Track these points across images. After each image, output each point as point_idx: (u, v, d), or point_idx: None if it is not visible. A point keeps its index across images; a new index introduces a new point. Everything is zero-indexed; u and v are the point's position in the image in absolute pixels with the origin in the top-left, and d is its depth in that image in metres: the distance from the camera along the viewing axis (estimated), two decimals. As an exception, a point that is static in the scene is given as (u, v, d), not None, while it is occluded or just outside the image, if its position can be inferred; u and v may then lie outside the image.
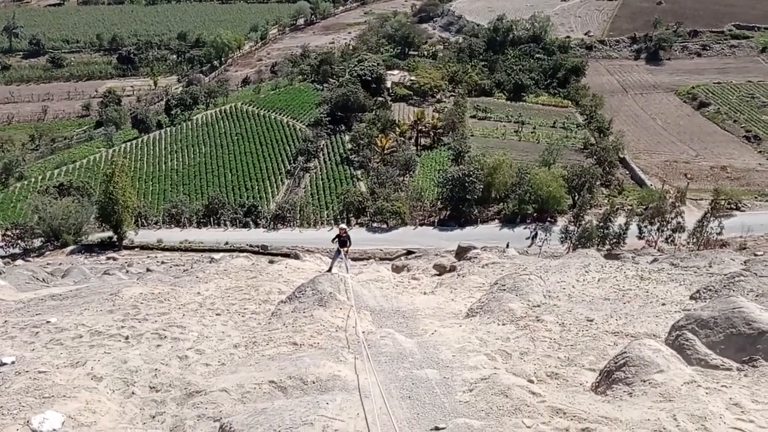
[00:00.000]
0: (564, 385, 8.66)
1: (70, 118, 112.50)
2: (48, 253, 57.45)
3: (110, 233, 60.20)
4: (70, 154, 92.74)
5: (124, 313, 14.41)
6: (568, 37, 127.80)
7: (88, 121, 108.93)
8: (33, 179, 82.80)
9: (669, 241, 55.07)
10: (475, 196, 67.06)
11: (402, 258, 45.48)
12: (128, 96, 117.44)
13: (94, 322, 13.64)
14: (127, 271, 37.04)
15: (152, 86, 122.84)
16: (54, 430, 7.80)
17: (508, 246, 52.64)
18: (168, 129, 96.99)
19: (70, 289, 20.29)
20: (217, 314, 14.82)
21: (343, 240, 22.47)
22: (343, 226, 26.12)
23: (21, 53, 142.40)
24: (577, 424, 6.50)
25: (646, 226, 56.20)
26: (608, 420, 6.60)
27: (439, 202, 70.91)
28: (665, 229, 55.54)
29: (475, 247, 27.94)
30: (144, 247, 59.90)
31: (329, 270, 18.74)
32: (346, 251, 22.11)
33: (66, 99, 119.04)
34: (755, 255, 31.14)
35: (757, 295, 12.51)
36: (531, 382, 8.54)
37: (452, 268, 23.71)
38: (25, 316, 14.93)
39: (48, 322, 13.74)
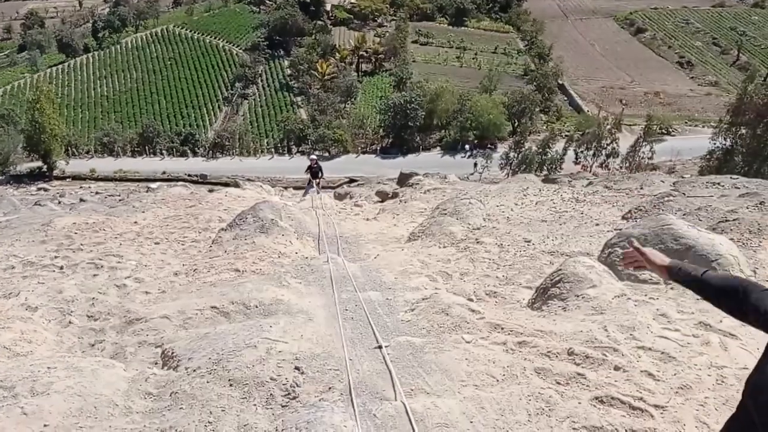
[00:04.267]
0: (502, 303, 8.92)
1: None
2: (-27, 184, 55.06)
3: (39, 163, 57.93)
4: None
5: (57, 243, 14.01)
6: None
7: (9, 44, 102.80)
8: (-48, 108, 78.30)
9: (604, 165, 56.75)
10: (417, 124, 67.06)
11: (344, 186, 45.40)
12: (52, 18, 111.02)
13: (26, 253, 13.24)
14: (60, 202, 35.82)
15: (77, 7, 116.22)
16: (-12, 361, 7.61)
17: (476, 165, 53.68)
18: (96, 53, 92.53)
19: (0, 220, 19.54)
20: (155, 243, 14.55)
21: (314, 171, 22.36)
22: (314, 157, 25.91)
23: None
24: (514, 338, 6.73)
25: (582, 152, 57.67)
26: (543, 333, 6.85)
27: (381, 130, 70.64)
28: (600, 154, 57.13)
29: (416, 174, 28.11)
30: (76, 177, 58.09)
31: (303, 200, 18.67)
32: (318, 182, 22.05)
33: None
34: (683, 177, 32.32)
35: (684, 214, 13.03)
36: (471, 300, 8.74)
37: (394, 195, 23.86)
38: (-49, 248, 14.35)
39: (-24, 254, 13.26)
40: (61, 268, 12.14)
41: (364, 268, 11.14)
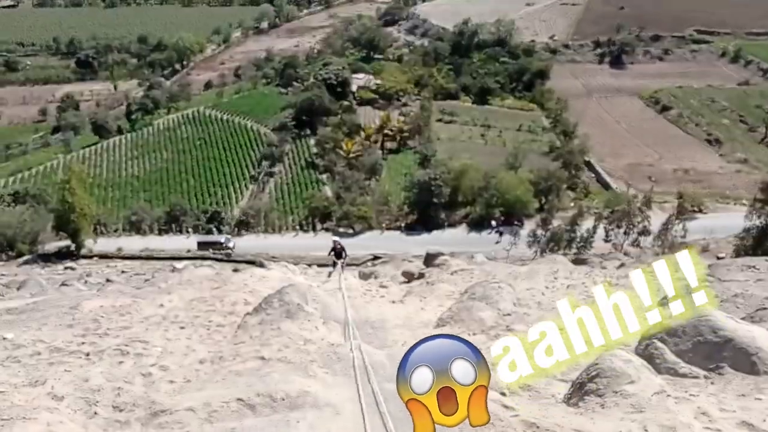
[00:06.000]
0: (536, 397, 8.63)
1: (25, 123, 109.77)
2: (2, 263, 55.86)
3: (68, 242, 58.81)
4: (26, 161, 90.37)
5: (84, 328, 14.00)
6: (533, 41, 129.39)
7: (44, 126, 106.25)
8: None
9: (635, 244, 55.74)
10: (442, 200, 67.23)
11: (369, 263, 45.31)
12: (87, 101, 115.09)
13: (53, 338, 13.22)
14: (86, 282, 36.18)
15: (112, 91, 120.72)
16: (13, 455, 7.48)
17: (501, 234, 53.69)
18: (129, 134, 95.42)
19: (27, 302, 19.67)
20: (181, 327, 14.47)
21: (338, 252, 22.52)
22: (336, 238, 26.12)
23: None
24: (552, 440, 6.45)
25: (612, 230, 56.78)
26: (582, 434, 6.57)
27: (405, 207, 70.92)
28: (631, 232, 56.20)
29: (443, 254, 27.89)
30: (103, 256, 58.71)
31: (327, 281, 18.83)
32: (343, 263, 22.15)
33: (21, 104, 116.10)
34: (717, 258, 31.74)
35: (721, 301, 12.71)
36: (503, 394, 8.47)
37: (421, 275, 23.63)
38: (-20, 332, 14.39)
39: (4, 338, 13.27)
40: (88, 354, 12.08)
41: (392, 356, 10.90)
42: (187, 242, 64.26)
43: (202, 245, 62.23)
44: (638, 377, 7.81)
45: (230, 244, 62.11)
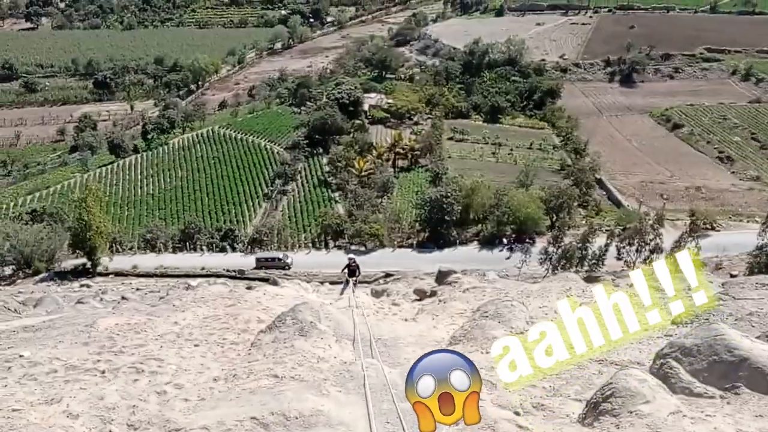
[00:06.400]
0: (551, 417, 8.59)
1: (44, 143, 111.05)
2: (19, 281, 56.37)
3: (84, 260, 59.25)
4: (44, 180, 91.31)
5: (99, 346, 14.07)
6: (543, 60, 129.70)
7: (62, 146, 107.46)
8: (5, 206, 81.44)
9: (647, 261, 55.40)
10: (454, 218, 67.20)
11: (380, 281, 45.30)
12: (104, 121, 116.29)
13: (68, 356, 13.30)
14: (102, 299, 36.32)
15: (129, 111, 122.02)
16: (28, 473, 7.52)
17: (511, 250, 53.23)
18: (144, 153, 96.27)
19: (43, 319, 19.81)
20: (195, 345, 14.54)
21: (352, 270, 22.64)
22: (352, 256, 26.31)
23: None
24: (566, 460, 6.42)
25: (624, 248, 56.52)
26: (597, 455, 6.53)
27: (417, 224, 70.96)
28: (643, 250, 55.89)
29: (455, 272, 27.85)
30: (118, 274, 59.14)
31: (340, 298, 18.85)
32: (355, 281, 22.27)
33: (40, 124, 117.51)
34: (731, 275, 31.44)
35: (736, 319, 12.62)
36: (517, 414, 8.45)
37: (433, 293, 23.61)
38: (-4, 349, 14.52)
39: (21, 356, 13.37)
40: (103, 372, 12.15)
41: (404, 374, 10.90)
42: (201, 260, 64.56)
43: (260, 262, 62.85)
44: (653, 397, 7.77)
45: (288, 260, 62.80)
